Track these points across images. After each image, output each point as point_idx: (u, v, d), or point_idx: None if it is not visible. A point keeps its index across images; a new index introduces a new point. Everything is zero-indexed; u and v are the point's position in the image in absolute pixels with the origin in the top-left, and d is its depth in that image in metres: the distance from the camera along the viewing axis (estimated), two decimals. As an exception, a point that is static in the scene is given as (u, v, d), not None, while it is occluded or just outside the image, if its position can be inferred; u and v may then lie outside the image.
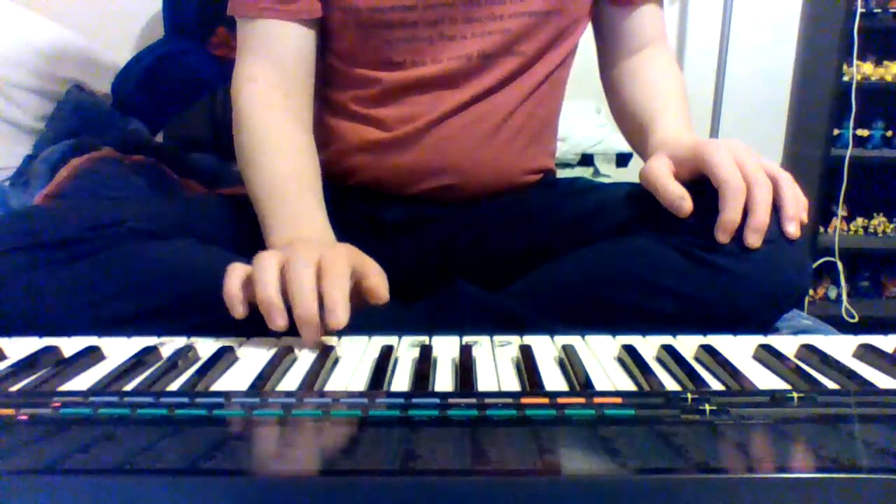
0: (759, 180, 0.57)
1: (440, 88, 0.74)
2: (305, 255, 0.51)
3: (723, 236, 0.57)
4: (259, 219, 0.66)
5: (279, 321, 0.50)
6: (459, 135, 0.74)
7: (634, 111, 0.77)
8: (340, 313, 0.49)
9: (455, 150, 0.75)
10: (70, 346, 0.50)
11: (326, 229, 0.65)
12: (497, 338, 0.52)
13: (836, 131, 1.94)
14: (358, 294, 0.54)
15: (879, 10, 1.89)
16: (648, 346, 0.50)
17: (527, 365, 0.45)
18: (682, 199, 0.60)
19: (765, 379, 0.45)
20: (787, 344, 0.50)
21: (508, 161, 0.78)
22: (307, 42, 0.73)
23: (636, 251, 0.62)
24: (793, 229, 0.58)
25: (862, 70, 1.93)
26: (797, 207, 0.58)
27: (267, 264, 0.51)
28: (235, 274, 0.53)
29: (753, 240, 0.56)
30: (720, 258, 0.58)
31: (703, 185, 0.59)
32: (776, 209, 0.58)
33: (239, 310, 0.51)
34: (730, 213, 0.56)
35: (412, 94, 0.74)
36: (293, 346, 0.50)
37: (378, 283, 0.55)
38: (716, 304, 0.58)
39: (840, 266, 2.02)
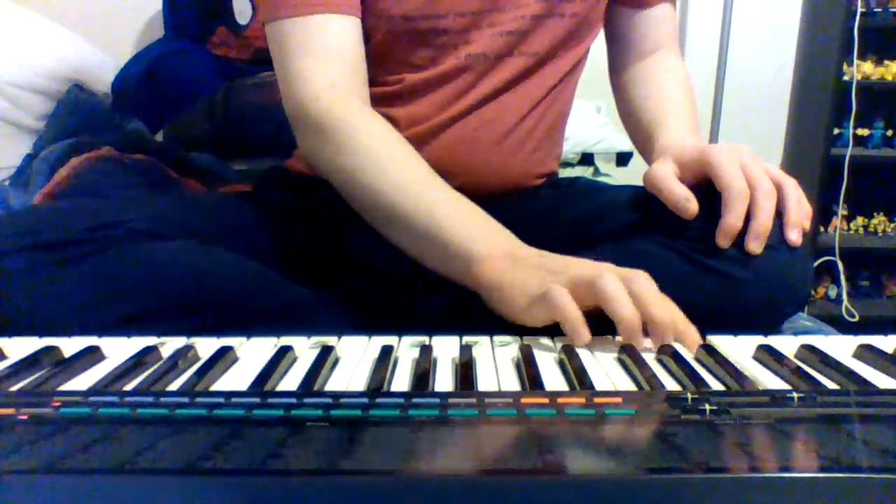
0: (762, 186, 0.57)
1: (452, 86, 0.74)
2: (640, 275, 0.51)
3: (723, 241, 0.57)
4: (423, 230, 0.60)
5: (644, 344, 0.49)
6: (470, 138, 0.75)
7: (642, 116, 0.77)
8: (694, 332, 0.50)
9: (464, 154, 0.75)
10: (70, 346, 0.50)
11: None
12: (497, 338, 0.52)
13: (836, 131, 1.94)
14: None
15: (879, 10, 1.89)
16: (648, 346, 0.50)
17: (527, 365, 0.45)
18: (686, 201, 0.59)
19: (765, 379, 0.45)
20: (787, 344, 0.50)
21: (517, 165, 0.78)
22: (361, 39, 0.70)
23: (638, 255, 0.62)
24: (795, 236, 0.57)
25: (862, 70, 1.93)
26: (800, 214, 0.58)
27: (619, 288, 0.49)
28: (568, 297, 0.50)
29: (755, 245, 0.56)
30: (721, 263, 0.58)
31: (706, 190, 0.59)
32: (779, 215, 0.58)
33: (587, 336, 0.49)
34: (731, 218, 0.56)
35: (426, 93, 0.74)
36: (293, 346, 0.50)
37: None
38: (716, 308, 0.58)
39: (840, 266, 2.02)
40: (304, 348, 0.51)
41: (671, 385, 0.43)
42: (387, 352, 0.48)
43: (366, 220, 0.66)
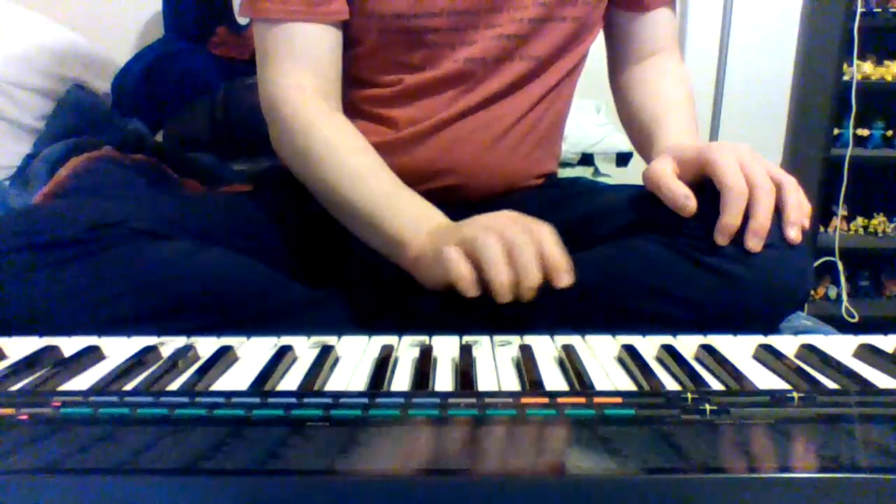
0: (761, 184, 0.57)
1: (453, 88, 0.74)
2: (516, 228, 0.54)
3: (721, 239, 0.57)
4: (360, 217, 0.66)
5: (509, 297, 0.53)
6: (468, 137, 0.75)
7: (642, 118, 0.77)
8: (567, 275, 0.53)
9: (462, 153, 0.75)
10: (70, 346, 0.50)
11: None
12: (497, 338, 0.52)
13: (836, 131, 1.94)
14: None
15: (879, 10, 1.89)
16: (648, 346, 0.50)
17: (527, 365, 0.45)
18: (686, 199, 0.59)
19: (765, 379, 0.45)
20: (787, 344, 0.50)
21: (515, 165, 0.78)
22: (336, 44, 0.72)
23: (637, 254, 0.62)
24: (794, 234, 0.57)
25: (862, 70, 1.93)
26: (799, 212, 0.58)
27: (493, 245, 0.53)
28: (458, 255, 0.54)
29: (753, 243, 0.56)
30: (721, 261, 0.58)
31: (706, 189, 0.59)
32: (778, 214, 0.58)
33: (474, 291, 0.53)
34: (729, 217, 0.56)
35: (425, 95, 0.74)
36: (293, 346, 0.50)
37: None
38: (716, 307, 0.58)
39: (840, 266, 2.01)
40: (304, 348, 0.51)
41: (671, 385, 0.43)
42: (387, 352, 0.48)
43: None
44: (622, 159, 1.56)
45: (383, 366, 0.45)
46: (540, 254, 0.53)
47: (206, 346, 0.51)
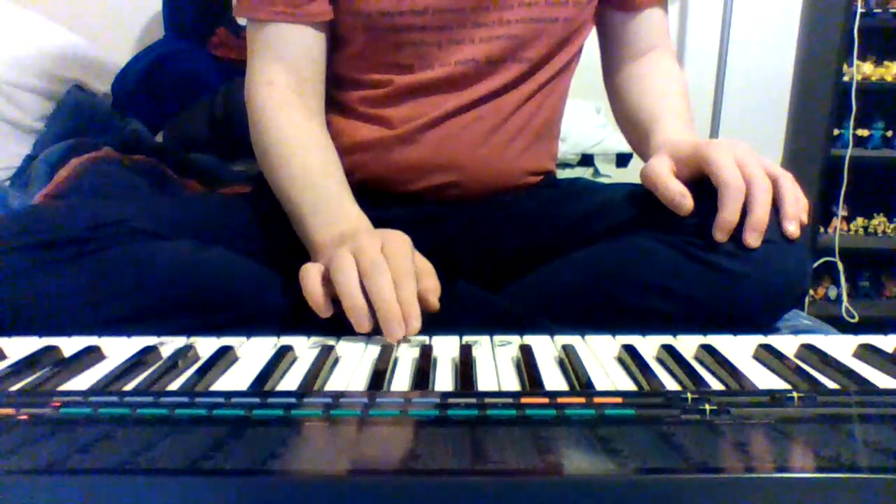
0: (758, 180, 0.57)
1: (446, 91, 0.74)
2: (379, 259, 0.53)
3: (720, 235, 0.57)
4: (294, 214, 0.67)
5: (367, 326, 0.52)
6: (461, 133, 0.75)
7: (637, 116, 0.77)
8: (416, 323, 0.52)
9: (456, 148, 0.75)
10: (70, 346, 0.50)
11: (366, 222, 0.65)
12: (497, 338, 0.52)
13: (836, 131, 1.94)
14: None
15: (879, 10, 1.89)
16: (648, 346, 0.50)
17: (527, 365, 0.45)
18: (682, 197, 0.60)
19: (765, 379, 0.45)
20: (787, 344, 0.50)
21: (508, 160, 0.78)
22: (318, 44, 0.74)
23: (636, 251, 0.62)
24: (792, 229, 0.58)
25: (862, 70, 1.93)
26: (797, 208, 0.58)
27: (347, 269, 0.53)
28: (313, 276, 0.55)
29: (752, 239, 0.57)
30: (719, 258, 0.58)
31: (704, 186, 0.59)
32: (776, 209, 0.58)
33: (328, 313, 0.54)
34: (727, 213, 0.57)
35: (419, 95, 0.74)
36: (293, 346, 0.50)
37: (433, 287, 0.57)
38: (715, 303, 0.58)
39: (840, 266, 2.01)
40: (304, 348, 0.51)
41: (671, 385, 0.43)
42: (387, 352, 0.48)
43: None
44: (622, 160, 1.55)
45: (383, 366, 0.45)
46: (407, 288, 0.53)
47: (206, 346, 0.51)
